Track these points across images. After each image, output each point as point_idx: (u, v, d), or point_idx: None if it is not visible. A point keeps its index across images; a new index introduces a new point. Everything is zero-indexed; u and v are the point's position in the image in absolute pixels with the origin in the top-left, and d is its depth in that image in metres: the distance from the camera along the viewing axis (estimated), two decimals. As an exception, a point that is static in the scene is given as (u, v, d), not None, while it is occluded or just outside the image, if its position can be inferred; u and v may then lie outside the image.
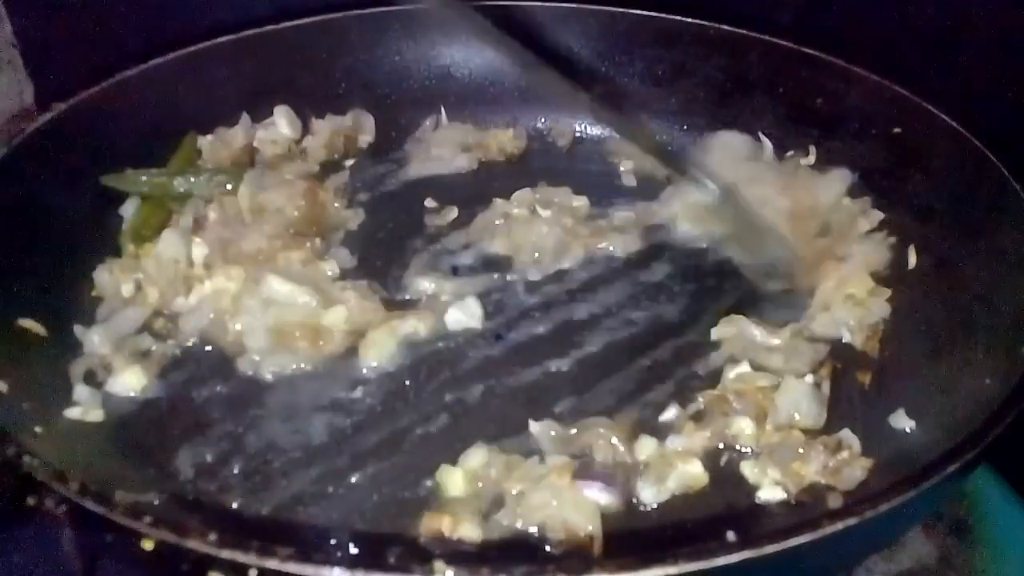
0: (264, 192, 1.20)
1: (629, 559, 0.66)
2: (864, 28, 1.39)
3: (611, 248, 1.22)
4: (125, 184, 1.20)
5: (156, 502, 0.83)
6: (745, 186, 1.23)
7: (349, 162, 1.35)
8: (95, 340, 1.03)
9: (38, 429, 0.90)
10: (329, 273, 1.14)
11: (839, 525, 0.69)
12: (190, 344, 1.07)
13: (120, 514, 0.67)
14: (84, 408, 0.97)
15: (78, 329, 1.04)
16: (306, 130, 1.36)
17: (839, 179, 1.25)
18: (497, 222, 1.24)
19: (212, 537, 0.65)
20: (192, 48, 1.27)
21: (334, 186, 1.28)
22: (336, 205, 1.25)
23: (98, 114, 1.19)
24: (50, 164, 1.13)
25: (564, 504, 0.87)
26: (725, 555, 0.66)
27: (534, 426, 0.96)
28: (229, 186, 1.21)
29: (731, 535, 0.68)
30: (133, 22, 1.39)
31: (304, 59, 1.35)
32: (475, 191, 1.31)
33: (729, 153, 1.31)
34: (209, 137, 1.29)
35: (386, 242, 1.23)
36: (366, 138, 1.38)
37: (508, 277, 1.18)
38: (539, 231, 1.21)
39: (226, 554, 0.64)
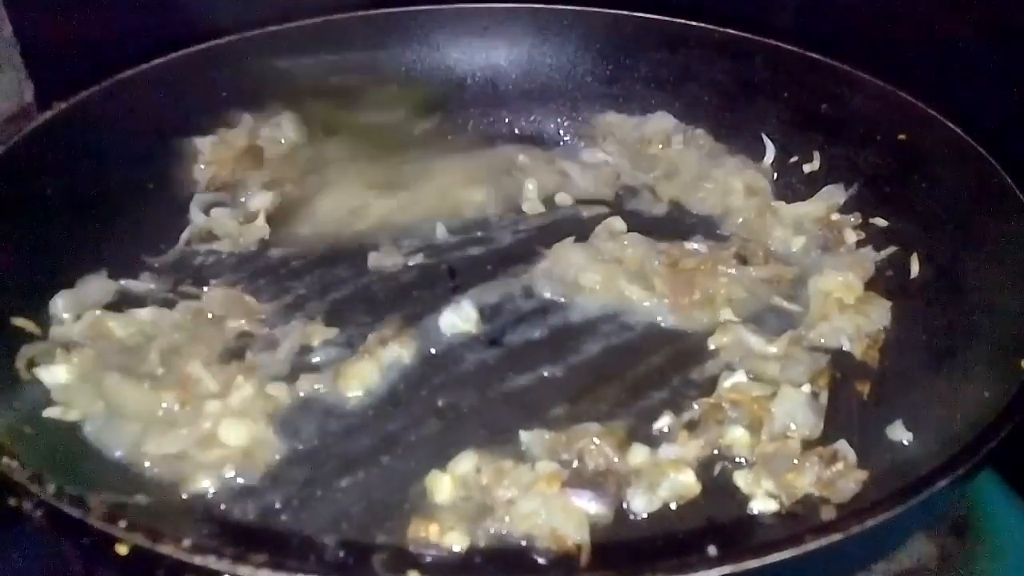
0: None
1: (607, 571, 0.65)
2: (865, 30, 1.38)
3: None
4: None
5: (144, 504, 0.84)
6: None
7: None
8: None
9: (27, 429, 0.90)
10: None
11: (823, 541, 0.67)
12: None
13: (95, 518, 0.67)
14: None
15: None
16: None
17: (831, 194, 1.24)
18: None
19: (186, 543, 0.64)
20: (192, 48, 1.26)
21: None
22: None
23: (98, 114, 1.19)
24: (50, 164, 1.13)
25: (553, 513, 0.86)
26: (706, 569, 0.65)
27: (525, 435, 0.95)
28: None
29: (712, 549, 0.66)
30: (133, 22, 1.38)
31: (306, 60, 1.35)
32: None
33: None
34: (210, 138, 1.29)
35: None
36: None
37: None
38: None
39: (199, 560, 0.64)
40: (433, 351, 1.07)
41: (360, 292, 1.15)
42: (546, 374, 1.05)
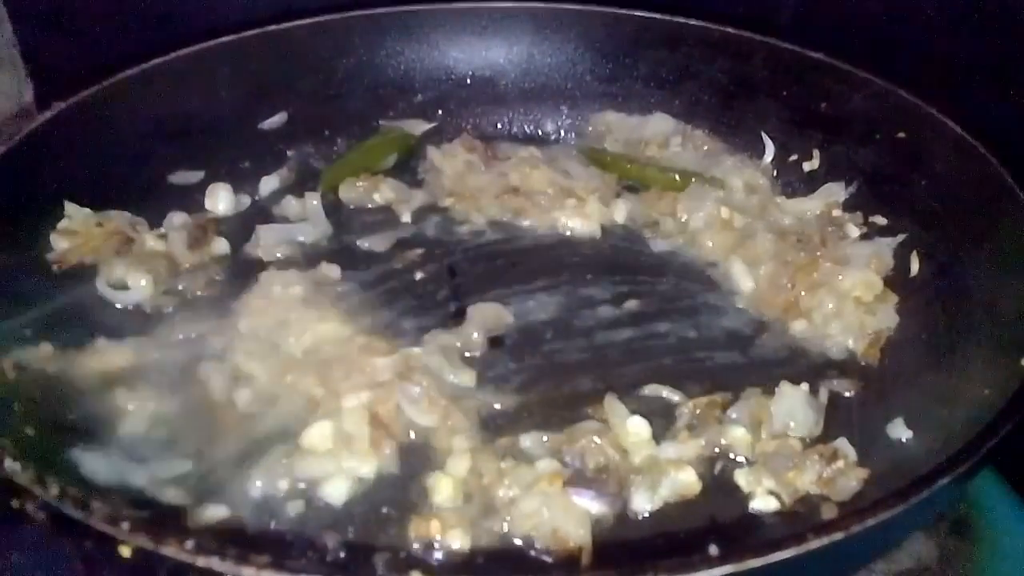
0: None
1: (608, 570, 0.65)
2: (866, 30, 1.38)
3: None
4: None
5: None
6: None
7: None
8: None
9: (29, 431, 0.90)
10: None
11: (824, 539, 0.68)
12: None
13: (98, 519, 0.67)
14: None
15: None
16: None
17: (831, 192, 1.24)
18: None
19: (189, 544, 0.65)
20: (192, 48, 1.26)
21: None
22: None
23: (98, 114, 1.19)
24: (50, 164, 1.13)
25: (555, 512, 0.87)
26: (707, 569, 0.65)
27: (525, 439, 0.95)
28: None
29: (714, 548, 0.67)
30: (133, 22, 1.38)
31: (305, 60, 1.35)
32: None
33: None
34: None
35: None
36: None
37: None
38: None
39: (202, 562, 0.64)
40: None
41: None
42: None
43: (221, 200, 1.26)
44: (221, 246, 1.20)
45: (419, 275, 1.18)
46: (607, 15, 1.38)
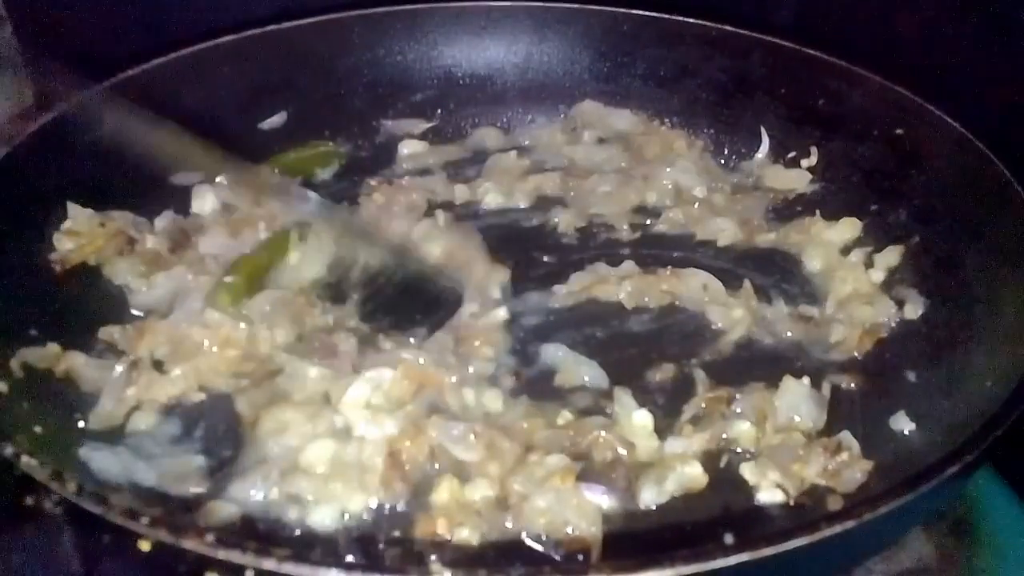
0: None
1: (625, 562, 0.66)
2: (864, 28, 1.39)
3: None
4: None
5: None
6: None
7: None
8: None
9: (38, 429, 0.90)
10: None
11: (837, 528, 0.68)
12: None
13: (117, 515, 0.67)
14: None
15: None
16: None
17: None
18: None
19: (209, 538, 0.65)
20: (192, 48, 1.26)
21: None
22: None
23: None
24: (50, 164, 1.13)
25: (567, 508, 0.87)
26: (723, 558, 0.66)
27: (534, 432, 0.96)
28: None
29: (729, 537, 0.67)
30: (133, 22, 1.38)
31: (305, 59, 1.35)
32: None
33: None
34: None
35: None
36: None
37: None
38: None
39: (223, 555, 0.64)
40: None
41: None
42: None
43: (208, 201, 1.24)
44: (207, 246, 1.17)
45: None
46: (605, 14, 1.39)
